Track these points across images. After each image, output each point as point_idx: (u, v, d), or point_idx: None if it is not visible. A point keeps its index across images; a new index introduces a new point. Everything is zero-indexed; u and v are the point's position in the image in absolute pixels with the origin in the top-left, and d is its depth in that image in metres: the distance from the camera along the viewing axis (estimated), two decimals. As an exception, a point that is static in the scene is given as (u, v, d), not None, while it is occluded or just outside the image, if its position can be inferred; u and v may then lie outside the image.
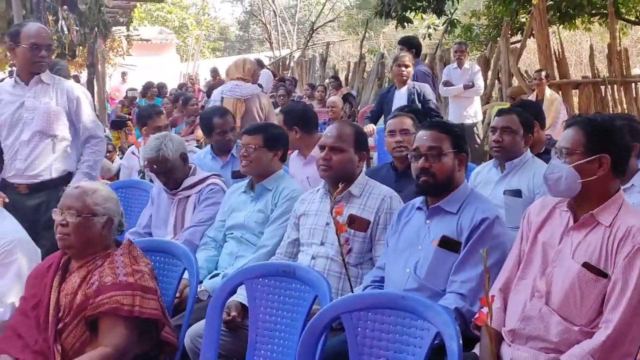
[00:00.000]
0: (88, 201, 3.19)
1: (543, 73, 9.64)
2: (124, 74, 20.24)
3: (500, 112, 4.53)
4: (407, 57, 7.59)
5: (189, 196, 4.53)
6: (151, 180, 5.12)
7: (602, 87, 11.54)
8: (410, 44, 8.67)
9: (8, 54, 4.53)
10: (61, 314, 3.08)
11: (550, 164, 2.85)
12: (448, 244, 3.16)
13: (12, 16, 9.15)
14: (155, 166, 4.51)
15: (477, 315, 2.58)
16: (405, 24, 13.97)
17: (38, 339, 3.04)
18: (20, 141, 4.55)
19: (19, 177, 4.58)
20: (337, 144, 3.77)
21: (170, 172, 4.50)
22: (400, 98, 7.34)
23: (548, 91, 9.59)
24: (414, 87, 7.37)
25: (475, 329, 2.89)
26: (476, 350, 2.90)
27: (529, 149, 4.40)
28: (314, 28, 26.93)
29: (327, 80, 16.07)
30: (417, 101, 7.24)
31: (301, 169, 4.98)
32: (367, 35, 20.87)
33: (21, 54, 4.55)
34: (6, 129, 4.55)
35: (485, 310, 2.53)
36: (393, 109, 6.59)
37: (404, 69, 7.42)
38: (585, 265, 2.69)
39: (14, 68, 5.59)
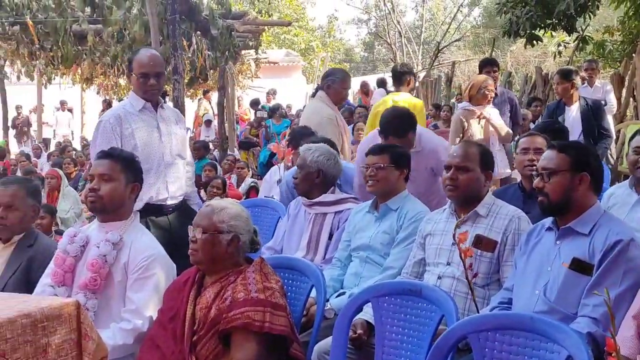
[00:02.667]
0: (214, 219, 3.32)
1: (682, 90, 9.21)
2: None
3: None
4: (574, 72, 7.44)
5: (325, 214, 4.58)
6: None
7: None
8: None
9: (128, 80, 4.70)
10: (196, 327, 3.21)
11: None
12: (579, 266, 3.06)
13: (149, 42, 9.61)
14: (299, 166, 4.65)
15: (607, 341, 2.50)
16: (534, 42, 13.66)
17: (174, 350, 3.18)
18: (165, 164, 4.60)
19: (172, 199, 4.65)
20: (463, 164, 3.75)
21: (308, 184, 4.62)
22: (572, 116, 7.19)
23: (687, 109, 9.15)
24: (587, 105, 7.20)
25: (609, 355, 2.80)
26: (610, 378, 2.81)
27: None
28: (440, 48, 26.74)
29: (452, 100, 15.92)
30: (593, 119, 7.11)
31: None
32: (493, 54, 20.56)
33: (133, 82, 4.63)
34: (147, 154, 4.49)
35: (616, 335, 2.45)
36: (569, 127, 6.53)
37: (568, 84, 7.24)
38: None
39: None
